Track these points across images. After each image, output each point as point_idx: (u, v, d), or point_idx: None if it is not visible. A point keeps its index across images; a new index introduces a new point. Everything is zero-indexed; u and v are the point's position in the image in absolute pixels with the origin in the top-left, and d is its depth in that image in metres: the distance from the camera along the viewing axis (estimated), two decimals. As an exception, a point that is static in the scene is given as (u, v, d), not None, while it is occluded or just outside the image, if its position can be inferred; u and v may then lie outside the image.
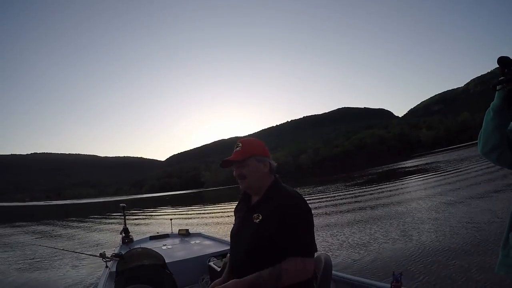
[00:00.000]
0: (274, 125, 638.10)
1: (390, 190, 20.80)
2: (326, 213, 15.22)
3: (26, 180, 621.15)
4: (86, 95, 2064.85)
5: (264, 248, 1.91)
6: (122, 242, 5.62)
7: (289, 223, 1.87)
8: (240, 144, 2.19)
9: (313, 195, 27.46)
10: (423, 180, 24.89)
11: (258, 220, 2.00)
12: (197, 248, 4.92)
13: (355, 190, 26.10)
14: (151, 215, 29.17)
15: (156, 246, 4.80)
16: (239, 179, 2.16)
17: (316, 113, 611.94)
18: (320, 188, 35.14)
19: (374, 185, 27.27)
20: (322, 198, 23.51)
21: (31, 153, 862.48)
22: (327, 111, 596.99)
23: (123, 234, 5.74)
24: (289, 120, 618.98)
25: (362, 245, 8.43)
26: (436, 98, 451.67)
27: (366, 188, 26.23)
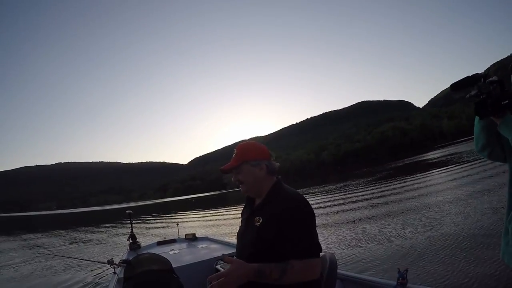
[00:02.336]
0: (294, 123, 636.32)
1: (408, 185, 20.66)
2: (340, 211, 15.36)
3: (52, 189, 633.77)
4: (106, 104, 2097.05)
5: (265, 251, 1.91)
6: (129, 248, 5.61)
7: (288, 227, 1.86)
8: (235, 150, 2.20)
9: (333, 192, 27.56)
10: (444, 172, 24.67)
11: (258, 223, 2.00)
12: (204, 252, 4.88)
13: (374, 186, 26.04)
14: (159, 221, 29.30)
15: (163, 251, 4.85)
16: (238, 184, 2.17)
17: (336, 109, 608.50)
18: (341, 184, 35.11)
19: (394, 180, 27.13)
20: (341, 195, 23.61)
21: (55, 163, 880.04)
22: (346, 106, 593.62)
23: (131, 240, 5.74)
24: (309, 117, 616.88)
25: (369, 242, 8.49)
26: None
27: (385, 183, 26.09)
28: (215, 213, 29.71)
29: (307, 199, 2.00)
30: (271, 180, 2.15)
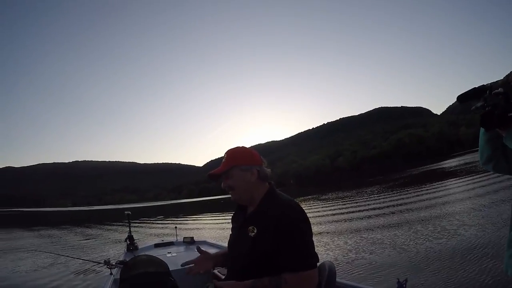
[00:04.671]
0: (311, 128, 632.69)
1: (422, 194, 20.53)
2: (349, 218, 15.34)
3: (68, 187, 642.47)
4: (124, 105, 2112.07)
5: (259, 263, 1.85)
6: (127, 249, 5.49)
7: (284, 238, 1.80)
8: (225, 155, 2.13)
9: (346, 199, 27.52)
10: (460, 181, 24.50)
11: (253, 233, 1.92)
12: None
13: (388, 193, 25.93)
14: (158, 223, 29.16)
15: (160, 254, 4.73)
16: (228, 190, 2.10)
17: (353, 114, 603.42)
18: (355, 191, 34.97)
19: (408, 188, 26.97)
20: (353, 202, 23.58)
21: (73, 161, 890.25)
22: (363, 112, 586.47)
23: (128, 242, 5.62)
24: (325, 123, 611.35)
25: (373, 250, 8.41)
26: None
27: (399, 191, 26.02)
28: (217, 216, 29.78)
29: (302, 206, 1.95)
30: (263, 186, 2.07)
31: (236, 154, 2.11)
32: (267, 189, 2.07)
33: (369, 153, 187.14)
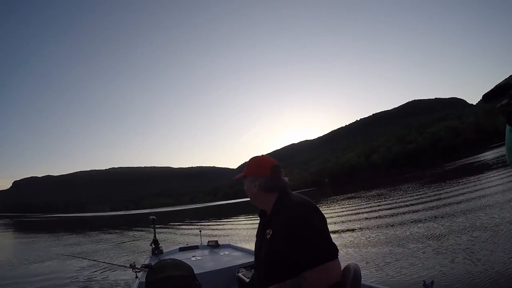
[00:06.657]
0: (344, 125, 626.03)
1: (461, 189, 19.99)
2: (379, 217, 15.27)
3: (106, 193, 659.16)
4: (159, 112, 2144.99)
5: (279, 264, 1.88)
6: (152, 253, 5.64)
7: (299, 235, 1.83)
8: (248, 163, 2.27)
9: (380, 197, 27.21)
10: (500, 174, 23.81)
11: (269, 236, 1.99)
12: (226, 259, 4.81)
13: (425, 190, 25.42)
14: (182, 227, 29.71)
15: (185, 257, 4.86)
16: None
17: (386, 109, 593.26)
18: (390, 189, 34.55)
19: (446, 184, 26.40)
20: (386, 201, 23.30)
21: (109, 168, 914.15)
22: (396, 106, 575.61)
23: (153, 246, 5.79)
24: (358, 119, 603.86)
25: (395, 252, 8.18)
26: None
27: (437, 187, 25.50)
28: (244, 219, 29.79)
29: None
30: (271, 196, 2.14)
31: (250, 164, 2.24)
32: (276, 198, 2.11)
33: (405, 148, 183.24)
